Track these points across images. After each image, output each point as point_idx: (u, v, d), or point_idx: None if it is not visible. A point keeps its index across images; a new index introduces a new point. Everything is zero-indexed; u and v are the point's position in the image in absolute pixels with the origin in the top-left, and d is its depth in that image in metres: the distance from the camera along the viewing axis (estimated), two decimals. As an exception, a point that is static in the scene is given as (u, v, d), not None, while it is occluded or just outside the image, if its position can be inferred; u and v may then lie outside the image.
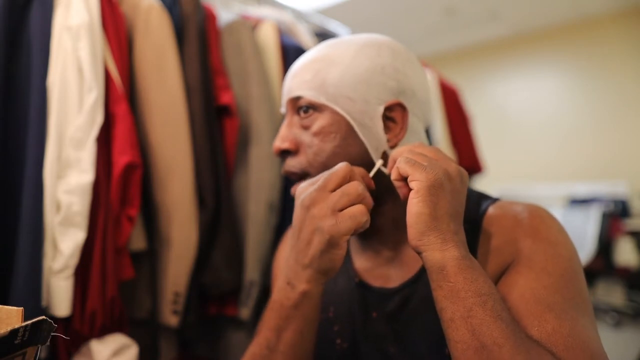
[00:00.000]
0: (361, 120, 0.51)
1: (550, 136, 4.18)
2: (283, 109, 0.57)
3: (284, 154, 0.56)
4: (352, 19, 3.73)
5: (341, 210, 0.44)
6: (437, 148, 0.47)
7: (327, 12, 3.55)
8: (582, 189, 3.77)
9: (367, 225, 0.46)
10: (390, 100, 0.51)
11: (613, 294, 3.41)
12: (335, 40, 0.55)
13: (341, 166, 0.47)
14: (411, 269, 0.54)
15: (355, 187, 0.45)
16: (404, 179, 0.45)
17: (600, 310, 3.22)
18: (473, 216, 0.52)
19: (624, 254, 3.16)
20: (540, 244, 0.46)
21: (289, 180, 0.57)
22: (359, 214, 0.44)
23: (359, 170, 0.49)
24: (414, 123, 0.54)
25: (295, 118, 0.54)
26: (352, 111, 0.51)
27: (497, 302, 0.39)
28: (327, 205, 0.44)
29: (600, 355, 0.40)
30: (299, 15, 1.46)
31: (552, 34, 4.20)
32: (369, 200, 0.46)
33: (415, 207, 0.42)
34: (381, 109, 0.51)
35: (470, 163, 1.82)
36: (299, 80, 0.53)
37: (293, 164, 0.54)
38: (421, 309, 0.51)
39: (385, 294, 0.55)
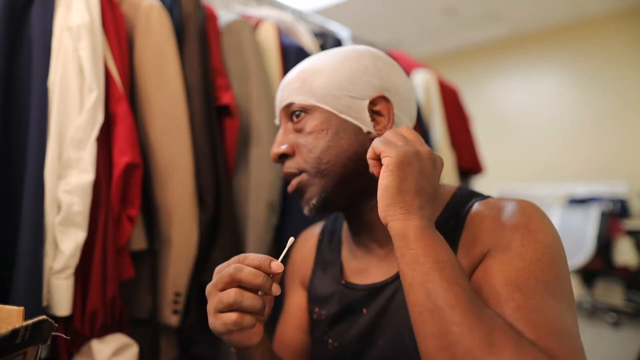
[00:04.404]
0: (348, 113, 0.55)
1: (549, 136, 4.18)
2: (277, 120, 0.61)
3: (282, 158, 0.59)
4: (352, 19, 3.73)
5: (221, 312, 0.44)
6: (417, 134, 0.50)
7: (327, 12, 3.55)
8: (582, 189, 3.77)
9: (250, 327, 0.44)
10: (374, 94, 0.55)
11: (612, 294, 3.41)
12: (321, 53, 0.60)
13: (230, 268, 0.45)
14: None
15: (228, 296, 0.43)
16: (379, 158, 0.47)
17: (599, 310, 3.22)
18: (460, 212, 0.54)
19: (623, 253, 3.17)
20: (518, 231, 0.46)
21: (289, 181, 0.59)
22: (229, 322, 0.43)
23: (261, 261, 0.45)
24: (400, 117, 0.57)
25: (289, 124, 0.59)
26: (338, 106, 0.55)
27: (456, 270, 0.41)
28: (211, 304, 0.45)
29: (569, 336, 0.39)
30: (299, 15, 1.46)
31: (552, 34, 4.20)
32: (251, 306, 0.43)
33: (384, 181, 0.45)
34: (366, 103, 0.55)
35: (470, 163, 1.82)
36: (289, 89, 0.58)
37: (290, 165, 0.58)
38: (404, 301, 0.52)
39: (374, 289, 0.57)
